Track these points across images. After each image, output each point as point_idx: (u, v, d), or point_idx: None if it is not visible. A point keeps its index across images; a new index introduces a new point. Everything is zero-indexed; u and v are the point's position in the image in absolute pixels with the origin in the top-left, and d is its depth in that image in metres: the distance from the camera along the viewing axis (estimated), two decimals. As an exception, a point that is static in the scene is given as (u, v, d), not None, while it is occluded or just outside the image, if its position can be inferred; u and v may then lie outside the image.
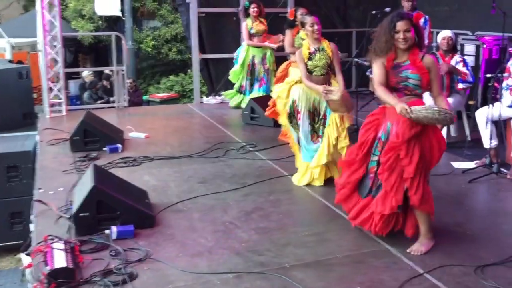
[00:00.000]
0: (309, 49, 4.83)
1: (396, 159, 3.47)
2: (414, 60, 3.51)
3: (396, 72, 3.53)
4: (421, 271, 3.34)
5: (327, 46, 4.84)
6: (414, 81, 3.50)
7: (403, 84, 3.52)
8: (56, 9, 7.89)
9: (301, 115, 4.86)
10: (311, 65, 4.80)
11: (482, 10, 7.02)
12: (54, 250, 3.34)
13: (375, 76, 3.58)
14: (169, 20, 15.32)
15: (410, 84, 3.50)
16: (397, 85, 3.53)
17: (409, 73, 3.50)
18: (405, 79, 3.50)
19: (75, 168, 5.34)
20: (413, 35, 3.48)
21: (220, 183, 5.01)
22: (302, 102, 4.85)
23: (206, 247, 3.71)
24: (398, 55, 3.55)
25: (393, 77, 3.53)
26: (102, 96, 11.46)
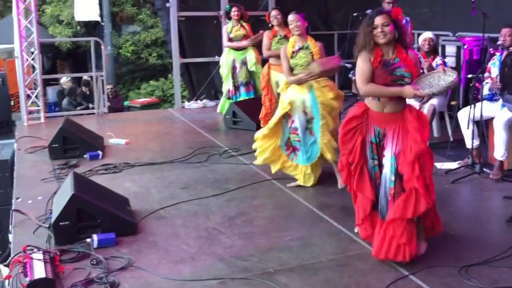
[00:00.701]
0: (293, 47, 4.82)
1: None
2: (404, 58, 3.47)
3: (389, 70, 3.46)
4: (406, 273, 3.33)
5: (312, 44, 4.83)
6: (408, 80, 3.47)
7: (399, 83, 3.46)
8: (32, 15, 7.79)
9: (295, 118, 4.81)
10: (292, 63, 4.80)
11: (463, 11, 7.09)
12: (34, 260, 3.28)
13: (361, 74, 3.48)
14: (148, 24, 15.25)
15: (405, 83, 3.46)
16: (392, 84, 3.46)
17: (404, 71, 3.46)
18: (401, 77, 3.45)
19: (54, 176, 5.26)
20: (392, 29, 3.44)
21: (202, 188, 4.96)
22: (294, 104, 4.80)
23: (189, 253, 3.67)
24: (384, 52, 3.50)
25: (387, 76, 3.46)
26: (81, 103, 11.32)
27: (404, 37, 3.51)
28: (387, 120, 3.50)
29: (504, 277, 3.28)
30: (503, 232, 4.00)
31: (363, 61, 3.49)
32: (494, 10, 6.45)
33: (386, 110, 3.50)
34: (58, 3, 15.43)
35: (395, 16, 3.48)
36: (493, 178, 5.03)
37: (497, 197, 4.67)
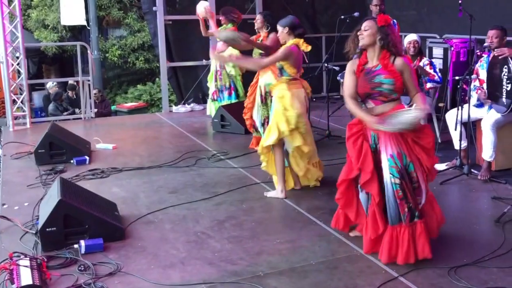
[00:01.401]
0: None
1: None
2: (386, 64, 3.49)
3: (369, 77, 3.50)
4: (396, 275, 3.34)
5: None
6: (388, 86, 3.47)
7: (378, 90, 3.48)
8: (17, 19, 7.73)
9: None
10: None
11: (450, 13, 7.14)
12: (20, 267, 3.25)
13: (345, 88, 3.58)
14: (135, 28, 15.19)
15: (384, 90, 3.48)
16: (371, 91, 3.50)
17: (382, 78, 3.47)
18: (378, 84, 3.48)
19: (40, 182, 5.22)
20: (371, 34, 3.48)
21: (191, 192, 4.94)
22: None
23: (178, 258, 3.64)
24: (369, 60, 3.55)
25: (367, 83, 3.50)
26: (68, 108, 11.23)
27: (391, 44, 3.50)
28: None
29: (493, 277, 3.30)
30: (492, 233, 4.01)
31: (348, 73, 3.60)
32: (481, 12, 6.50)
33: (374, 114, 3.51)
34: (43, 7, 15.33)
35: (382, 23, 3.50)
36: (481, 179, 5.05)
37: (485, 198, 4.69)
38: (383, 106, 3.51)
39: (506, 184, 4.91)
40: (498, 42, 4.98)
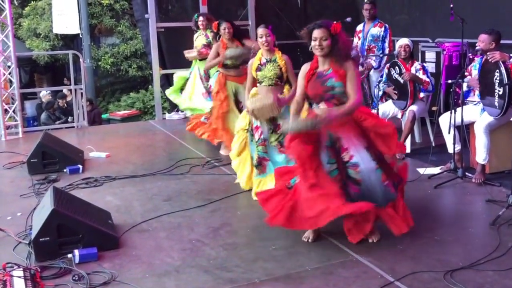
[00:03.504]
0: (260, 60, 4.80)
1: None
2: (337, 69, 3.60)
3: (321, 81, 3.62)
4: (392, 279, 3.33)
5: (279, 57, 4.79)
6: (339, 89, 3.61)
7: (330, 93, 3.62)
8: (9, 28, 7.71)
9: (263, 128, 4.77)
10: (260, 75, 4.79)
11: (442, 17, 7.17)
12: (14, 278, 3.24)
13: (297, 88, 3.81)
14: (127, 36, 15.19)
15: (336, 93, 3.62)
16: (324, 94, 3.63)
17: (334, 81, 3.60)
18: (330, 88, 3.61)
19: (33, 192, 5.19)
20: (329, 44, 3.60)
21: (185, 200, 4.92)
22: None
23: (173, 266, 3.62)
24: (320, 64, 3.66)
25: (319, 86, 3.62)
26: (60, 117, 11.21)
27: (340, 51, 3.62)
28: (338, 124, 3.65)
29: (488, 280, 3.29)
30: (487, 236, 4.01)
31: (300, 75, 3.79)
32: (472, 15, 6.53)
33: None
34: (35, 16, 15.31)
35: (334, 31, 3.62)
36: (476, 182, 5.06)
37: (480, 201, 4.70)
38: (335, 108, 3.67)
39: (501, 186, 4.91)
40: (486, 46, 4.99)
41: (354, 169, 3.66)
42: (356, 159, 3.65)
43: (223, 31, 6.08)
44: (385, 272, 3.41)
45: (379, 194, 3.68)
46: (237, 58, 6.05)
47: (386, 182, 3.68)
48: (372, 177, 3.66)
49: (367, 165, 3.65)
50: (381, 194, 3.69)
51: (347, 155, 3.66)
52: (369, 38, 6.89)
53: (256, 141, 4.82)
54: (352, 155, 3.65)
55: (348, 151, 3.65)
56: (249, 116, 4.79)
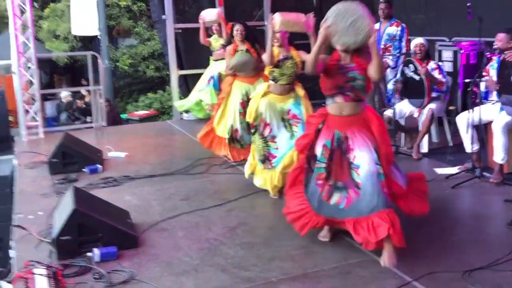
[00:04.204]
0: (278, 55, 4.81)
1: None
2: (359, 62, 3.58)
3: (342, 71, 3.59)
4: (409, 279, 3.32)
5: (296, 55, 4.84)
6: (361, 82, 3.57)
7: (351, 84, 3.58)
8: (29, 30, 7.81)
9: (273, 126, 4.81)
10: (279, 72, 4.79)
11: (458, 16, 7.10)
12: (36, 276, 3.30)
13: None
14: (145, 37, 15.30)
15: (357, 85, 3.58)
16: (344, 84, 3.59)
17: (357, 74, 3.57)
18: (352, 79, 3.58)
19: (54, 191, 5.25)
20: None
21: (203, 199, 4.96)
22: (269, 113, 4.81)
23: (191, 265, 3.66)
24: (341, 58, 3.62)
25: (340, 76, 3.59)
26: (79, 117, 11.34)
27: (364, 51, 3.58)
28: (347, 123, 3.62)
29: (507, 280, 3.28)
30: (505, 236, 3.99)
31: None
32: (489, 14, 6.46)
33: (344, 113, 3.64)
34: (54, 18, 15.49)
35: None
36: (494, 182, 5.02)
37: (498, 201, 4.67)
38: (350, 105, 3.62)
39: (519, 186, 4.88)
40: (503, 45, 4.96)
41: (356, 170, 3.56)
42: (358, 161, 3.55)
43: (235, 32, 6.12)
44: (402, 272, 3.41)
45: (373, 201, 3.49)
46: (241, 67, 5.98)
47: (385, 189, 3.51)
48: (373, 180, 3.49)
49: (370, 168, 3.51)
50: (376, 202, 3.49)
51: (352, 156, 3.58)
52: (385, 37, 6.87)
53: (265, 137, 4.83)
54: (355, 156, 3.56)
55: (353, 151, 3.57)
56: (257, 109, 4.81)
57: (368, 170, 3.50)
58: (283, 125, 4.84)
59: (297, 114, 4.81)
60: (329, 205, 3.62)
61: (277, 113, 4.83)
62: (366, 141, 3.56)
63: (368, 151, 3.53)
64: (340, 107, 3.64)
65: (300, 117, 4.79)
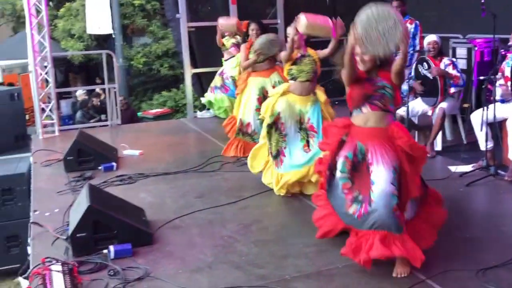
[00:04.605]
0: (297, 54, 4.82)
1: None
2: (385, 74, 3.49)
3: (372, 82, 3.50)
4: (423, 277, 3.32)
5: (313, 52, 4.86)
6: (390, 91, 3.47)
7: (381, 92, 3.47)
8: (45, 29, 7.89)
9: (287, 127, 4.78)
10: (297, 69, 4.78)
11: (472, 13, 7.04)
12: (52, 272, 3.32)
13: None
14: (159, 36, 15.37)
15: (387, 93, 3.46)
16: (374, 93, 3.47)
17: (385, 82, 3.48)
18: (382, 87, 3.47)
19: (70, 189, 5.30)
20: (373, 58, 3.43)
21: (217, 197, 4.98)
22: (286, 114, 4.78)
23: (206, 262, 3.68)
24: (368, 74, 3.53)
25: (370, 85, 3.49)
26: (94, 115, 11.43)
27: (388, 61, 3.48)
28: (370, 134, 3.48)
29: (522, 279, 3.27)
30: (520, 234, 3.97)
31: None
32: (504, 11, 6.41)
33: (369, 124, 3.50)
34: (69, 17, 15.62)
35: None
36: (508, 180, 4.99)
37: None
38: (376, 115, 3.48)
39: (534, 184, 4.85)
40: None
41: (371, 186, 3.36)
42: (373, 177, 3.35)
43: (251, 32, 6.19)
44: (417, 270, 3.38)
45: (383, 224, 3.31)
46: (268, 47, 6.02)
47: (397, 212, 3.30)
48: (386, 201, 3.29)
49: (385, 187, 3.30)
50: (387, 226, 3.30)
51: (370, 170, 3.41)
52: (399, 35, 6.83)
53: (281, 134, 4.82)
54: (372, 171, 3.39)
55: (371, 165, 3.40)
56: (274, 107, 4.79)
57: (382, 190, 3.30)
58: (298, 129, 4.79)
59: (315, 125, 4.74)
60: (348, 212, 3.49)
61: (295, 115, 4.79)
62: (385, 158, 3.37)
63: (386, 169, 3.33)
64: (366, 117, 3.49)
65: (317, 129, 4.73)
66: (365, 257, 3.28)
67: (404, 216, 3.40)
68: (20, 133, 8.46)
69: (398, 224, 3.31)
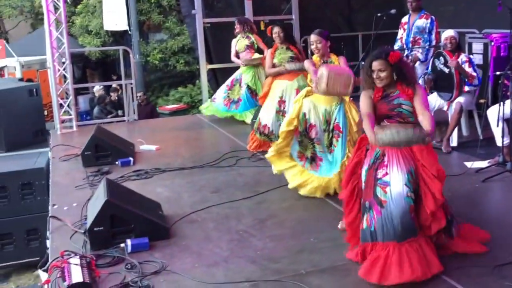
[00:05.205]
0: (320, 61, 4.77)
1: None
2: (404, 89, 3.47)
3: (387, 101, 3.49)
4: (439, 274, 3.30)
5: (335, 59, 4.81)
6: (407, 107, 3.45)
7: (397, 111, 3.47)
8: (63, 26, 7.97)
9: (318, 128, 4.71)
10: None
11: (488, 7, 6.99)
12: (71, 265, 3.36)
13: (362, 108, 3.55)
14: (175, 32, 15.42)
15: (404, 111, 3.45)
16: (390, 112, 3.48)
17: (402, 100, 3.46)
18: (398, 105, 3.46)
19: (87, 183, 5.37)
20: (388, 75, 3.44)
21: (233, 191, 5.01)
22: (313, 114, 4.72)
23: (221, 256, 3.72)
24: (386, 90, 3.52)
25: (385, 105, 3.49)
26: (111, 111, 11.53)
27: (406, 76, 3.48)
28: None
29: (539, 275, 3.25)
30: (537, 230, 3.95)
31: (363, 96, 3.56)
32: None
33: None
34: (87, 14, 15.73)
35: (393, 60, 3.45)
36: (525, 176, 4.96)
37: (529, 195, 4.61)
38: (396, 125, 3.48)
39: (551, 180, 4.81)
40: None
41: (382, 188, 3.36)
42: (388, 178, 3.36)
43: (274, 35, 6.20)
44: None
45: (399, 226, 3.28)
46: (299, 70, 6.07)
47: (412, 214, 3.31)
48: (398, 203, 3.29)
49: (398, 188, 3.31)
50: (401, 226, 3.28)
51: (382, 172, 3.40)
52: (414, 30, 6.77)
53: (312, 139, 4.75)
54: (387, 173, 3.38)
55: (386, 168, 3.41)
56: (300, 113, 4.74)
57: (397, 191, 3.31)
58: (325, 130, 4.73)
59: (341, 125, 4.68)
60: (362, 230, 3.43)
61: (321, 114, 4.72)
62: (402, 159, 3.39)
63: (402, 171, 3.36)
64: (385, 128, 3.51)
65: (343, 129, 4.68)
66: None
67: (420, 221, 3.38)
68: (39, 128, 8.56)
69: (413, 227, 3.31)
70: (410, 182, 3.34)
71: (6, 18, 19.11)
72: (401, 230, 3.28)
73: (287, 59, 6.16)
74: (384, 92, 3.52)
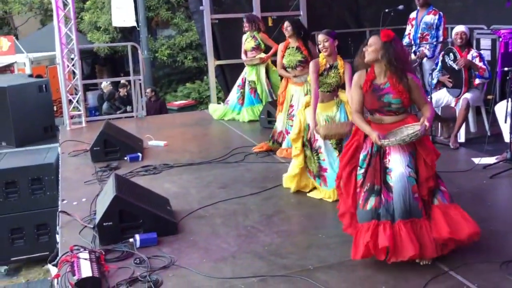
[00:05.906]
0: (325, 64, 4.72)
1: None
2: (394, 83, 3.47)
3: (377, 95, 3.51)
4: (446, 269, 3.33)
5: (341, 65, 4.72)
6: (396, 105, 3.50)
7: (387, 109, 3.53)
8: (72, 22, 8.01)
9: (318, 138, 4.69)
10: (321, 81, 4.71)
11: (496, 3, 6.96)
12: (80, 260, 3.40)
13: (352, 103, 3.64)
14: (183, 28, 15.44)
15: (393, 109, 3.52)
16: (380, 109, 3.55)
17: (391, 98, 3.48)
18: (387, 104, 3.50)
19: (96, 179, 5.41)
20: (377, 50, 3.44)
21: (240, 187, 5.03)
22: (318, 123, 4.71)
23: (229, 251, 3.74)
24: (377, 75, 3.53)
25: (375, 101, 3.52)
26: (120, 107, 11.58)
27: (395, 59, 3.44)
28: (387, 129, 3.53)
29: (546, 272, 3.25)
30: (544, 227, 3.94)
31: (355, 86, 3.60)
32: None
33: (384, 122, 3.57)
34: (95, 10, 15.79)
35: (384, 38, 3.45)
36: (533, 172, 4.94)
37: (537, 191, 4.60)
38: (391, 117, 3.55)
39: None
40: None
41: (389, 174, 3.44)
42: (391, 165, 3.45)
43: (284, 30, 6.20)
44: (439, 261, 3.40)
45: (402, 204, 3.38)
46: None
47: (416, 194, 3.40)
48: (403, 183, 3.38)
49: (401, 170, 3.40)
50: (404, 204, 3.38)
51: (387, 160, 3.48)
52: (422, 26, 6.74)
53: (316, 149, 4.74)
54: (389, 160, 3.46)
55: (389, 155, 3.48)
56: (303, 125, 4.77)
57: (399, 173, 3.40)
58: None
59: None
60: (366, 211, 3.46)
61: (323, 121, 4.71)
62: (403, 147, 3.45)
63: (402, 154, 3.44)
64: (380, 119, 3.58)
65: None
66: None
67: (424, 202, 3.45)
68: (48, 124, 8.60)
69: (417, 208, 3.39)
70: (411, 163, 3.43)
71: (15, 14, 19.20)
72: (404, 208, 3.36)
73: (295, 63, 6.13)
74: (373, 82, 3.53)
